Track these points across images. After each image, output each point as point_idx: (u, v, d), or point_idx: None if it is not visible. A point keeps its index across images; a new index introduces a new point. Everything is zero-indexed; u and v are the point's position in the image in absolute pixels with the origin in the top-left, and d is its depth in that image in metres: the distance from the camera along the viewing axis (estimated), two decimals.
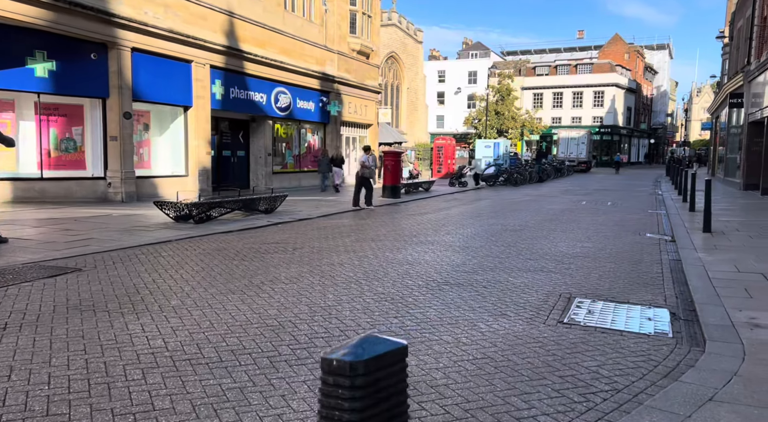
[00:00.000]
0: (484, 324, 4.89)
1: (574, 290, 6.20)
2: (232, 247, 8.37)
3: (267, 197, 12.51)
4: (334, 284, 6.09)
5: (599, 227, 11.83)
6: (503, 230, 10.96)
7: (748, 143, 21.79)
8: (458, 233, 10.55)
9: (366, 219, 12.66)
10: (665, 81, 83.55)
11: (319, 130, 22.78)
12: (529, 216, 13.65)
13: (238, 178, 19.00)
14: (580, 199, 19.17)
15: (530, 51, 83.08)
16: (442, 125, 69.01)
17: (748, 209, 14.94)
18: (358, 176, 14.56)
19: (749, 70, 22.22)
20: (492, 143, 39.86)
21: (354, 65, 24.14)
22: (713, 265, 7.47)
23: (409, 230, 10.92)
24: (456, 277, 6.69)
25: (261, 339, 4.20)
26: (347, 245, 8.80)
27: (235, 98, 17.41)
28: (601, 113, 63.30)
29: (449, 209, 15.37)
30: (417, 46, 47.52)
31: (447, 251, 8.53)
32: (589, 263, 7.82)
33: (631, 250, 8.98)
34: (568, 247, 9.10)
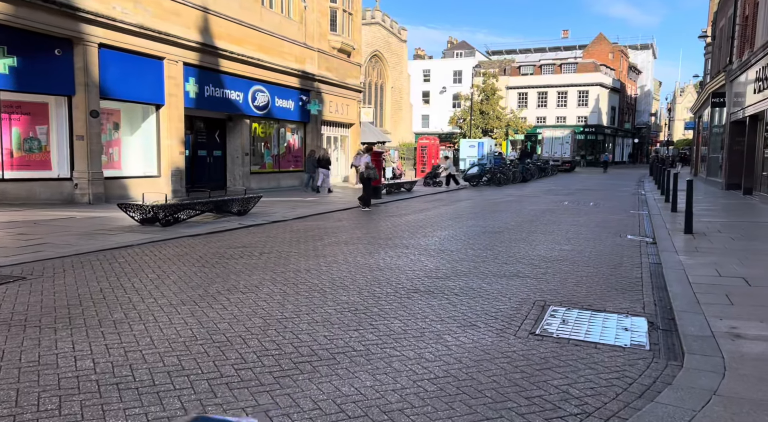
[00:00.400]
0: (451, 336, 4.57)
1: (549, 298, 5.90)
2: (195, 252, 7.98)
3: (240, 198, 12.10)
4: (295, 293, 5.73)
5: (580, 228, 11.59)
6: (482, 233, 10.68)
7: (730, 143, 21.78)
8: (435, 235, 10.24)
9: (342, 221, 12.32)
10: (649, 81, 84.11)
11: (299, 129, 22.36)
12: (510, 217, 13.39)
13: (215, 178, 18.53)
14: (563, 199, 18.98)
15: (515, 50, 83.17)
16: (428, 124, 68.78)
17: (730, 210, 14.83)
18: (363, 177, 14.46)
19: (731, 69, 22.20)
20: (476, 142, 39.71)
21: (335, 63, 23.75)
22: (694, 269, 7.23)
23: (385, 232, 10.59)
24: (427, 284, 6.37)
25: (203, 358, 3.84)
26: (318, 250, 8.45)
27: (210, 97, 16.95)
28: (585, 112, 63.50)
29: (429, 211, 15.08)
30: (401, 45, 47.21)
31: (421, 255, 8.21)
32: (567, 267, 7.55)
33: (611, 253, 8.73)
34: (547, 250, 8.83)
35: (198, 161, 17.85)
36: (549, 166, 39.29)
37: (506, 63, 69.44)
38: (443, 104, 65.60)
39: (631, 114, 77.82)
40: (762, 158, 17.33)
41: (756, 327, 4.80)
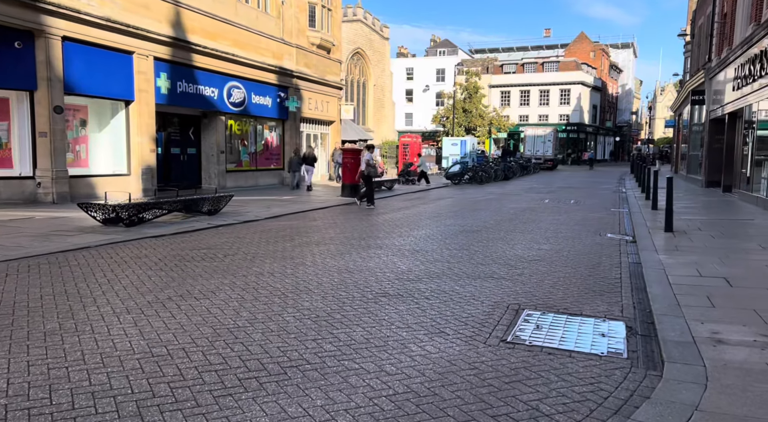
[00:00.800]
0: (417, 345, 4.24)
1: (523, 301, 5.61)
2: (155, 254, 7.56)
3: (210, 197, 11.67)
4: (254, 298, 5.37)
5: (559, 227, 11.36)
6: (459, 232, 10.38)
7: (709, 140, 21.78)
8: (411, 235, 9.92)
9: (317, 221, 11.95)
10: (630, 79, 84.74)
11: (277, 126, 21.90)
12: (489, 216, 13.13)
13: (189, 177, 18.03)
14: (544, 197, 18.79)
15: (498, 49, 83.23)
16: (411, 122, 68.51)
17: (710, 207, 14.73)
18: (363, 175, 14.36)
19: (710, 67, 22.20)
20: (459, 140, 39.47)
21: (314, 60, 23.33)
22: (674, 269, 7.00)
23: (360, 232, 10.25)
24: (397, 287, 6.05)
25: (137, 375, 3.47)
26: (286, 251, 8.08)
27: (184, 93, 16.45)
28: (567, 110, 63.72)
29: (408, 209, 14.76)
30: (383, 42, 46.84)
31: (394, 255, 7.88)
32: (544, 267, 7.27)
33: (590, 252, 8.49)
34: (525, 250, 8.56)
35: (171, 159, 17.33)
36: (531, 164, 39.24)
37: (489, 61, 69.43)
38: (427, 103, 65.37)
39: (612, 112, 78.32)
40: (741, 155, 17.30)
41: (738, 332, 4.55)
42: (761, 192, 14.21)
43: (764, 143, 14.40)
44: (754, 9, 15.76)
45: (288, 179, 22.25)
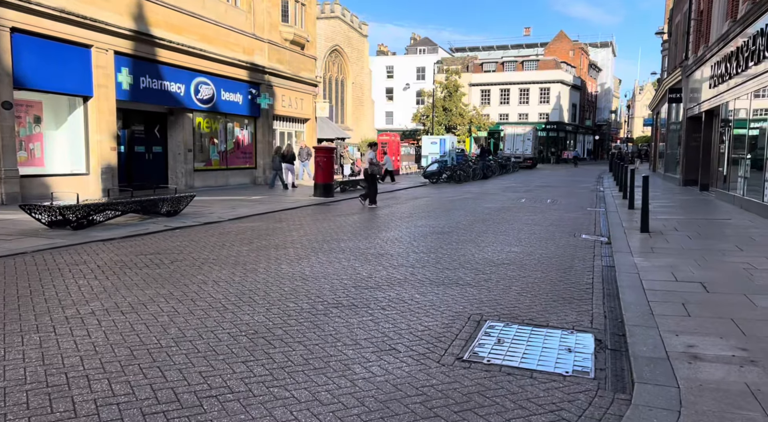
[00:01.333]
0: (362, 366, 3.78)
1: (487, 310, 5.18)
2: (95, 260, 7.00)
3: (170, 197, 11.09)
4: (188, 312, 4.86)
5: (534, 227, 10.99)
6: (430, 233, 9.95)
7: (686, 139, 21.68)
8: (379, 237, 9.46)
9: (282, 222, 11.43)
10: (609, 78, 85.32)
11: (249, 124, 21.28)
12: (463, 216, 12.73)
13: (155, 176, 17.34)
14: (521, 196, 18.48)
15: (478, 48, 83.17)
16: (391, 121, 68.09)
17: (687, 206, 14.50)
18: (367, 174, 14.09)
19: (687, 65, 22.11)
20: (438, 139, 39.18)
21: (287, 56, 22.74)
22: (649, 273, 6.64)
23: (325, 234, 9.76)
24: (353, 296, 5.58)
25: (18, 411, 2.95)
26: (241, 256, 7.57)
27: (147, 88, 15.77)
28: (547, 109, 63.82)
29: (381, 209, 14.31)
30: (362, 39, 46.30)
31: (356, 260, 7.41)
32: (514, 272, 6.87)
33: (563, 255, 8.11)
34: (495, 252, 8.15)
35: (135, 158, 16.64)
36: (511, 163, 39.07)
37: (469, 60, 69.28)
38: (407, 101, 64.97)
39: (591, 111, 78.76)
40: (717, 153, 17.16)
41: (715, 345, 4.17)
42: (738, 191, 14.03)
43: (741, 142, 14.23)
44: (731, 5, 15.59)
45: (260, 179, 21.67)
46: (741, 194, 13.68)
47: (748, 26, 13.16)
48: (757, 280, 6.25)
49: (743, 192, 13.53)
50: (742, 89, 13.89)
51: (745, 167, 13.61)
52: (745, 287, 5.91)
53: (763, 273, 6.57)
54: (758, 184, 12.38)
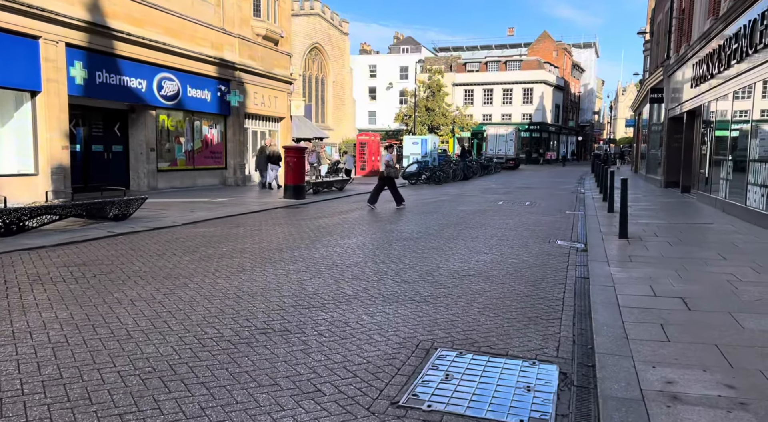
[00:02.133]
0: (271, 418, 3.09)
1: (440, 335, 4.53)
2: (7, 273, 6.22)
3: (118, 200, 10.30)
4: (83, 342, 4.11)
5: (508, 233, 10.39)
6: (395, 240, 9.29)
7: (668, 140, 21.30)
8: (339, 244, 8.78)
9: (240, 227, 10.69)
10: (592, 79, 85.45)
11: (218, 122, 20.44)
12: (435, 220, 12.09)
13: (115, 177, 16.47)
14: (499, 198, 17.92)
15: (462, 48, 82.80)
16: (375, 120, 67.42)
17: (668, 209, 14.01)
18: (383, 176, 13.84)
19: (668, 64, 21.73)
20: (419, 139, 38.54)
21: (259, 52, 21.93)
22: (626, 286, 6.05)
23: (282, 240, 9.06)
24: (289, 318, 4.89)
25: None
26: (177, 267, 6.83)
27: (105, 84, 14.88)
28: (530, 110, 63.57)
29: (351, 212, 13.63)
30: (343, 37, 45.55)
31: (307, 272, 6.72)
32: (478, 285, 6.23)
33: (535, 264, 7.50)
34: (461, 262, 7.51)
35: (93, 158, 15.74)
36: (493, 163, 38.60)
37: (452, 60, 68.84)
38: (390, 100, 64.36)
39: (575, 112, 78.80)
40: (699, 155, 16.73)
41: (698, 381, 3.55)
42: (720, 193, 13.57)
43: (722, 143, 13.77)
44: (713, 3, 15.15)
45: (231, 180, 20.87)
46: (723, 196, 13.22)
47: (731, 23, 12.70)
48: (742, 294, 5.68)
49: (725, 195, 13.07)
50: (723, 89, 13.43)
51: (727, 168, 13.16)
52: (729, 304, 5.34)
53: (748, 286, 6.01)
54: (740, 186, 11.91)
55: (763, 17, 10.57)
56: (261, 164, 19.34)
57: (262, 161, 19.25)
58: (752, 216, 10.93)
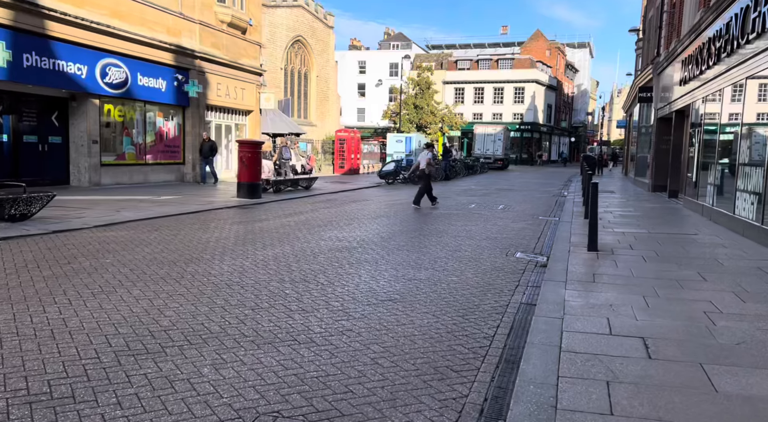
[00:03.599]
0: None
1: (295, 403, 3.24)
2: None
3: (17, 197, 8.96)
4: None
5: (465, 242, 9.11)
6: (326, 250, 8.00)
7: (656, 141, 20.09)
8: (255, 255, 7.48)
9: (158, 231, 9.37)
10: (586, 80, 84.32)
11: (175, 114, 19.04)
12: (388, 226, 10.80)
13: (52, 171, 15.08)
14: (473, 201, 16.65)
15: (455, 45, 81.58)
16: (363, 118, 66.13)
17: (652, 216, 12.76)
18: (425, 174, 13.67)
19: (658, 61, 20.50)
20: (404, 137, 37.28)
21: (224, 40, 20.56)
22: (578, 318, 4.81)
23: (188, 250, 7.75)
24: (95, 372, 3.58)
25: None
26: (19, 286, 5.51)
27: (35, 68, 13.46)
28: (521, 109, 62.36)
29: (301, 214, 12.34)
30: (327, 31, 44.15)
31: (185, 295, 5.42)
32: (394, 315, 4.95)
33: (478, 284, 6.23)
34: (389, 280, 6.23)
35: (24, 150, 14.32)
36: (479, 163, 37.30)
37: (443, 57, 67.54)
38: (379, 97, 63.05)
39: (567, 113, 77.65)
40: (687, 158, 15.50)
41: None
42: (707, 199, 12.34)
43: (711, 145, 12.54)
44: None
45: (189, 176, 19.52)
46: (710, 203, 11.99)
47: (722, 13, 11.44)
48: (720, 334, 4.44)
49: (713, 201, 11.84)
50: (712, 85, 12.19)
51: (715, 173, 11.92)
52: (702, 350, 4.10)
53: (729, 321, 4.77)
54: (729, 193, 10.68)
55: (756, 4, 9.32)
56: (206, 152, 18.72)
57: (207, 151, 18.62)
58: (740, 226, 9.71)
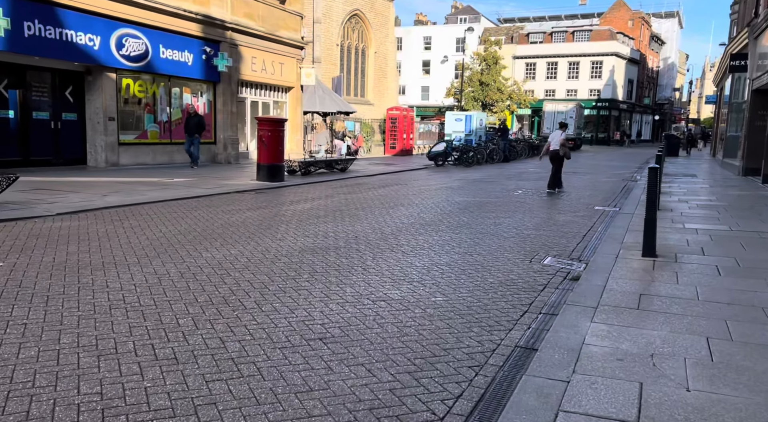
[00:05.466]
0: None
1: None
2: None
3: None
4: None
5: (484, 240, 7.32)
6: (296, 251, 6.50)
7: (750, 117, 17.05)
8: (199, 258, 6.08)
9: (121, 222, 8.17)
10: (674, 52, 77.32)
11: (205, 90, 17.98)
12: (402, 217, 9.14)
13: (67, 150, 14.37)
14: (522, 186, 14.60)
15: (528, 18, 76.91)
16: (427, 96, 63.81)
17: (737, 208, 10.30)
18: (558, 155, 13.19)
19: (756, 23, 17.26)
20: (463, 115, 35.00)
21: (260, 10, 19.26)
22: (593, 384, 3.09)
23: (125, 251, 6.47)
24: None
25: None
26: None
27: (37, 37, 12.53)
28: (598, 85, 57.80)
29: (312, 201, 10.92)
30: (387, 4, 42.12)
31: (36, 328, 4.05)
32: (300, 373, 3.33)
33: (470, 308, 4.54)
34: (348, 301, 4.65)
35: (34, 127, 13.60)
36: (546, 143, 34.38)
37: (514, 30, 63.76)
38: (445, 75, 60.42)
39: (651, 88, 71.61)
40: None
41: None
42: None
43: None
44: None
45: (221, 156, 18.52)
46: None
47: None
48: None
49: None
50: None
51: None
52: None
53: None
54: None
55: None
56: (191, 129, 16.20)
57: (192, 127, 16.14)
58: None
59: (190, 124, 15.93)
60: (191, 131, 15.90)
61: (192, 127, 15.88)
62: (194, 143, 16.01)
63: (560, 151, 13.23)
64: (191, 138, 15.96)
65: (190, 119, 16.05)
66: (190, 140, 16.01)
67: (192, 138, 15.96)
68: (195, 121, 15.95)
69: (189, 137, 15.97)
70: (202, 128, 16.10)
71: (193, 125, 15.90)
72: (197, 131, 15.94)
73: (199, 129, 15.98)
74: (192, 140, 15.98)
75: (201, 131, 16.10)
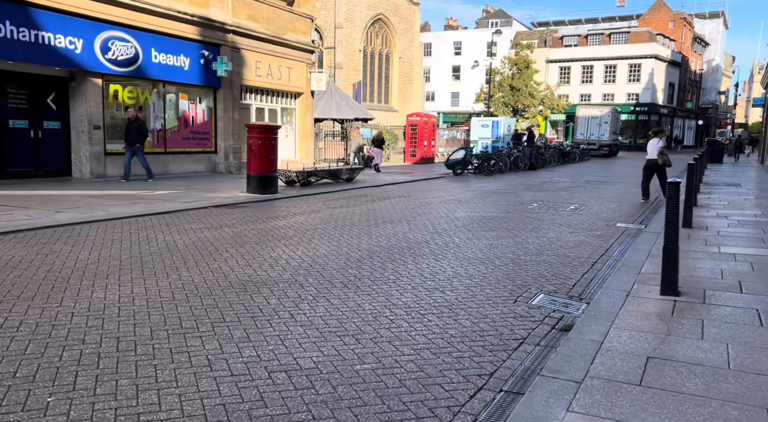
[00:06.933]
0: None
1: None
2: None
3: None
4: None
5: (468, 269, 6.02)
6: (235, 283, 5.33)
7: None
8: (145, 284, 4.92)
9: (48, 245, 7.15)
10: (718, 54, 73.64)
11: (204, 96, 17.09)
12: (378, 239, 7.86)
13: (49, 161, 13.58)
14: (541, 198, 13.14)
15: (564, 21, 74.64)
16: (457, 102, 62.32)
17: None
18: (658, 164, 12.58)
19: None
20: (490, 121, 33.50)
21: (264, 12, 18.32)
22: None
23: (30, 284, 5.38)
24: None
25: None
26: None
27: (10, 40, 11.64)
28: (637, 89, 55.24)
29: (295, 217, 9.80)
30: (412, 8, 40.97)
31: None
32: None
33: (410, 383, 3.27)
34: (257, 371, 3.40)
35: (10, 136, 12.81)
36: (578, 150, 32.45)
37: (548, 33, 61.71)
38: (475, 80, 58.82)
39: (694, 92, 68.29)
40: None
41: None
42: None
43: None
44: None
45: (222, 166, 17.59)
46: None
47: None
48: None
49: None
50: None
51: None
52: None
53: None
54: None
55: None
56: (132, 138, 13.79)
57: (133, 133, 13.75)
58: None
59: (130, 130, 13.61)
60: (132, 140, 13.63)
61: (132, 134, 13.60)
62: (137, 152, 13.78)
63: (659, 160, 12.57)
64: (132, 148, 13.72)
65: (130, 124, 13.69)
66: (131, 150, 13.74)
67: (133, 148, 13.73)
68: (135, 127, 13.63)
69: (129, 146, 13.72)
70: (144, 136, 13.83)
71: (133, 132, 13.60)
72: (138, 139, 13.69)
73: (140, 137, 13.72)
74: (134, 149, 13.75)
75: (143, 138, 13.81)
